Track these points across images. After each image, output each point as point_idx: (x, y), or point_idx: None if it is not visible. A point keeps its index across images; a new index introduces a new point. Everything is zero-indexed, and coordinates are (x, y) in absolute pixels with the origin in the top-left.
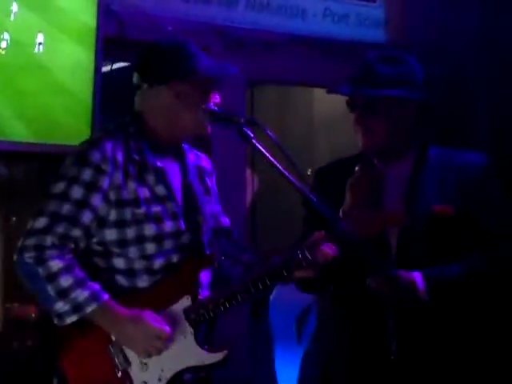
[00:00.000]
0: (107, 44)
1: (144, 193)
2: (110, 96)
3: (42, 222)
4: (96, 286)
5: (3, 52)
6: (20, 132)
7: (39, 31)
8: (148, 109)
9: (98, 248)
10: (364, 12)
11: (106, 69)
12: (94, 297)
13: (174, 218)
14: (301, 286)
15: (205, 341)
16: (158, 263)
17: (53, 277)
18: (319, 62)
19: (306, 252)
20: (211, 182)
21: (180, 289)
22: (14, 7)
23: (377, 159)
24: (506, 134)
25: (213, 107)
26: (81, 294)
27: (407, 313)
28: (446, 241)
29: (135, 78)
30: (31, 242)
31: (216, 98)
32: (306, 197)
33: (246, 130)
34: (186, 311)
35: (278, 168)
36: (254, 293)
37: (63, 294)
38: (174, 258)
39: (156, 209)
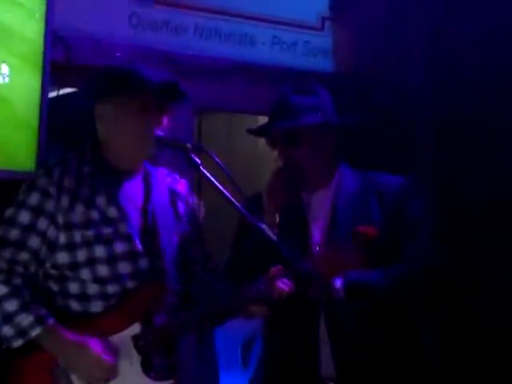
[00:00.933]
0: (55, 69)
1: (93, 215)
2: (57, 121)
3: None
4: (42, 310)
5: None
6: None
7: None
8: (99, 133)
9: (53, 272)
10: (312, 40)
11: (52, 94)
12: (38, 321)
13: (126, 239)
14: None
15: (163, 368)
16: (112, 288)
17: None
18: (266, 90)
19: (262, 287)
20: (185, 207)
21: (131, 315)
22: None
23: (302, 190)
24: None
25: (160, 133)
26: (25, 319)
27: (342, 335)
28: (369, 261)
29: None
30: None
31: (161, 121)
32: (252, 224)
33: (193, 156)
34: (135, 338)
35: (224, 194)
36: (206, 325)
37: (8, 318)
38: (130, 284)
39: (106, 230)
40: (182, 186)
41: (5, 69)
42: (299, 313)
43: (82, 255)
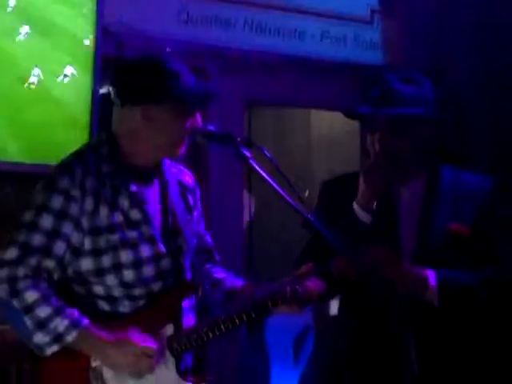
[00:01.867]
0: (106, 65)
1: (117, 218)
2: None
3: (13, 253)
4: (75, 312)
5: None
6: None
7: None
8: (121, 129)
9: (75, 276)
10: (361, 34)
11: (104, 90)
12: (73, 324)
13: (150, 241)
14: None
15: (193, 369)
16: (138, 290)
17: (29, 308)
18: (316, 83)
19: (294, 287)
20: (193, 199)
21: (163, 317)
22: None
23: (382, 177)
24: (505, 156)
25: (210, 127)
26: (60, 323)
27: (425, 329)
28: (461, 260)
29: (112, 94)
30: (3, 273)
31: (196, 121)
32: (304, 218)
33: (243, 150)
34: (169, 340)
35: (275, 189)
36: (238, 324)
37: (42, 325)
38: (155, 286)
39: (131, 234)
40: (188, 177)
41: (69, 70)
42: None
43: (107, 261)
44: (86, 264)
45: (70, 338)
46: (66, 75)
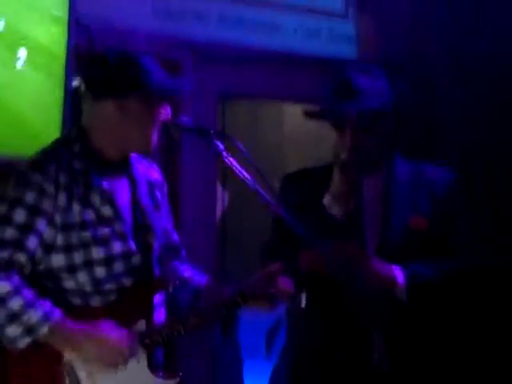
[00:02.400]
0: (77, 58)
1: (89, 215)
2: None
3: None
4: (47, 304)
5: None
6: None
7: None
8: (92, 124)
9: (45, 272)
10: (336, 27)
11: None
12: (46, 316)
13: (122, 238)
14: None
15: (164, 365)
16: (108, 286)
17: (1, 300)
18: (290, 76)
19: (262, 286)
20: (161, 195)
21: (135, 312)
22: None
23: (356, 171)
24: (472, 148)
25: (184, 119)
26: (33, 315)
27: (394, 324)
28: (420, 252)
29: (83, 87)
30: None
31: (166, 113)
32: (276, 211)
33: (216, 143)
34: (141, 335)
35: (248, 181)
36: (208, 320)
37: (14, 316)
38: (125, 281)
39: (103, 231)
40: (156, 173)
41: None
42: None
43: (78, 257)
44: (58, 260)
45: (43, 329)
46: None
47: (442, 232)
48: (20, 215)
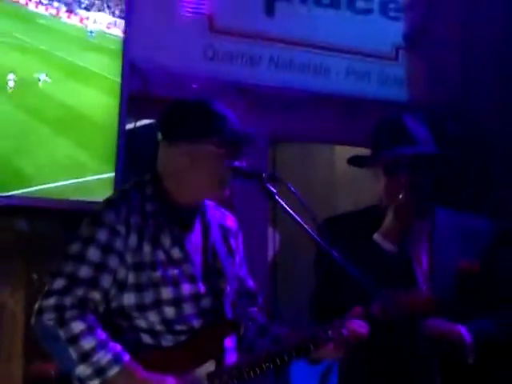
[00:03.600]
0: (132, 101)
1: (160, 256)
2: (134, 154)
3: (60, 284)
4: (117, 347)
5: None
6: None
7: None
8: (164, 168)
9: (118, 310)
10: (386, 70)
11: (130, 126)
12: (116, 359)
13: (191, 280)
14: None
15: None
16: (179, 326)
17: (75, 339)
18: (341, 119)
19: (339, 329)
20: (236, 243)
21: (205, 353)
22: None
23: (411, 212)
24: None
25: (236, 163)
26: (103, 357)
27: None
28: (472, 297)
29: (159, 132)
30: (50, 302)
31: (238, 161)
32: (329, 254)
33: (268, 185)
34: (210, 376)
35: (300, 224)
36: (279, 364)
37: (85, 357)
38: (195, 323)
39: (173, 272)
40: (231, 221)
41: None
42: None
43: (148, 297)
44: (129, 298)
45: (112, 372)
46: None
47: (492, 279)
48: (94, 253)
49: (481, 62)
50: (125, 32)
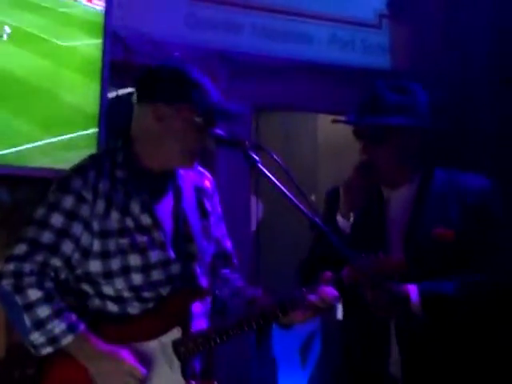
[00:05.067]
0: (113, 69)
1: (128, 223)
2: (115, 122)
3: (21, 249)
4: (73, 317)
5: None
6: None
7: None
8: (136, 131)
9: (84, 276)
10: (370, 38)
11: (112, 94)
12: (70, 328)
13: (160, 247)
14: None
15: (201, 375)
16: (147, 293)
17: (30, 306)
18: (324, 88)
19: (307, 295)
20: (211, 204)
21: (171, 320)
22: None
23: (382, 185)
24: None
25: (218, 131)
26: (57, 326)
27: (410, 331)
28: (446, 265)
29: (133, 96)
30: (10, 268)
31: (212, 133)
32: (312, 221)
33: (251, 154)
34: (175, 343)
35: (283, 193)
36: (246, 330)
37: (39, 324)
38: (164, 290)
39: (141, 239)
40: (207, 181)
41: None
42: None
43: (116, 264)
44: (95, 266)
45: (65, 341)
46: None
47: (470, 244)
48: (57, 220)
49: (466, 27)
50: (106, 1)
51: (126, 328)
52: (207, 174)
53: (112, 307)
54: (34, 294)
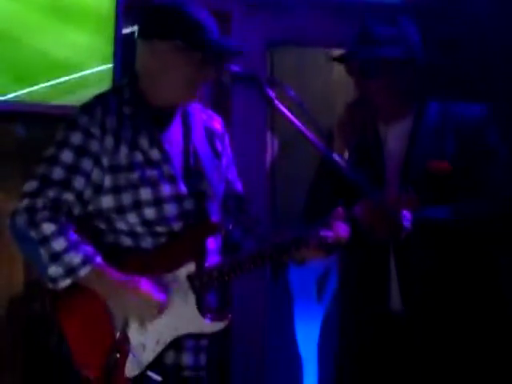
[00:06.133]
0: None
1: (137, 157)
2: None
3: (33, 185)
4: (89, 249)
5: None
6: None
7: None
8: (139, 68)
9: (96, 212)
10: None
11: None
12: (87, 259)
13: (171, 181)
14: None
15: (216, 309)
16: (160, 228)
17: (46, 240)
18: (338, 23)
19: (320, 232)
20: (222, 145)
21: (185, 254)
22: None
23: (378, 121)
24: None
25: (234, 67)
26: (74, 257)
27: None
28: (443, 197)
29: (136, 33)
30: (23, 204)
31: (213, 73)
32: (327, 156)
33: (267, 90)
34: (190, 277)
35: (299, 128)
36: (259, 265)
37: (56, 257)
38: (177, 225)
39: (151, 173)
40: (217, 123)
41: None
42: (371, 249)
43: (127, 198)
44: (107, 201)
45: (83, 272)
46: None
47: (466, 174)
48: (67, 156)
49: None
50: None
51: (140, 261)
52: (218, 117)
53: (126, 241)
54: (48, 227)
